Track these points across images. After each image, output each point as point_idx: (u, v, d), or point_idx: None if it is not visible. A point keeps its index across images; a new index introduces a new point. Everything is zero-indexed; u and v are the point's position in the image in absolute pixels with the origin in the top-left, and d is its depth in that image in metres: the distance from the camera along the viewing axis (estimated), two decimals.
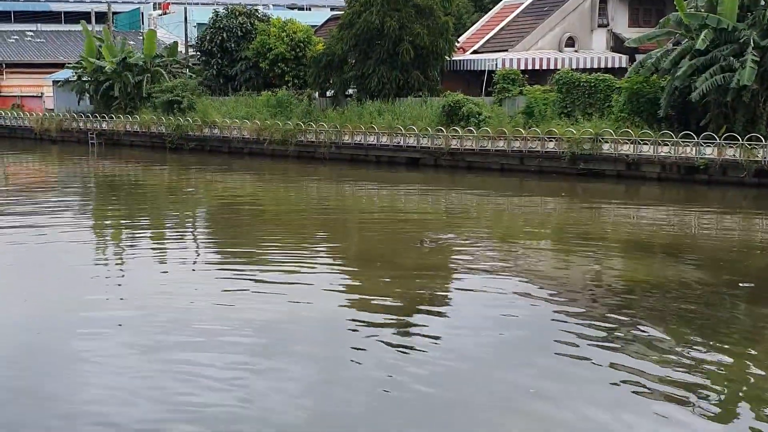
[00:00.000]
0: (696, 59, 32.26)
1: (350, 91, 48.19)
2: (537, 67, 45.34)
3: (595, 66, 45.68)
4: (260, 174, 41.98)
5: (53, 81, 64.16)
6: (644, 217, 28.05)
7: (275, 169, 42.97)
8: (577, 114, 38.17)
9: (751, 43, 31.09)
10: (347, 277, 19.84)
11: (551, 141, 35.69)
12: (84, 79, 57.02)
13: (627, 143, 33.86)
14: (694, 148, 32.35)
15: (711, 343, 13.98)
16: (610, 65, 46.32)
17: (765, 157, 30.84)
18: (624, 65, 46.31)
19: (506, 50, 46.55)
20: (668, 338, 14.20)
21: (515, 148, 36.62)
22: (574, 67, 44.32)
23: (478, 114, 38.72)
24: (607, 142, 34.31)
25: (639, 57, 45.78)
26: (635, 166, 34.09)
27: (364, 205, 32.40)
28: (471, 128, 38.01)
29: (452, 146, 38.32)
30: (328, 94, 49.62)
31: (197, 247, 24.15)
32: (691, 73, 32.24)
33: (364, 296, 17.56)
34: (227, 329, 14.68)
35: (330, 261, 21.77)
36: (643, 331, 14.42)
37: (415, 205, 31.77)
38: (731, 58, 31.61)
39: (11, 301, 16.95)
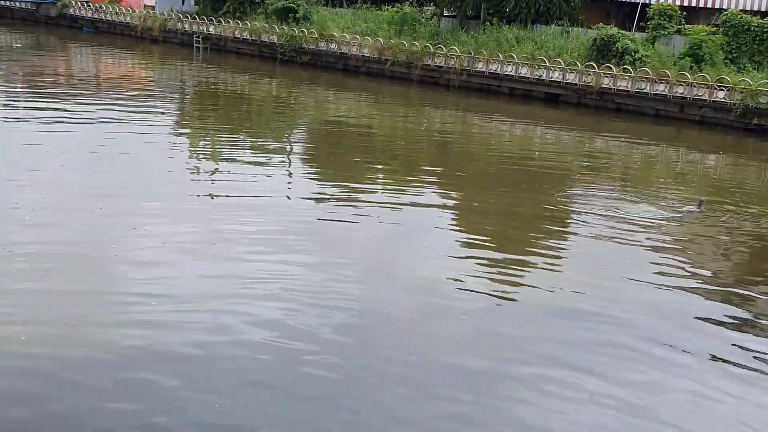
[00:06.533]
0: None
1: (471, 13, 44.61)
2: (693, 3, 41.08)
3: (756, 8, 41.18)
4: (378, 97, 39.03)
5: None
6: None
7: (395, 93, 39.87)
8: (744, 61, 34.27)
9: None
10: (451, 224, 17.93)
11: (721, 90, 31.91)
12: None
13: None
14: None
15: None
16: None
17: None
18: None
19: None
20: None
21: (677, 94, 32.89)
22: (731, 7, 40.01)
23: (634, 52, 34.89)
24: None
25: None
26: None
27: (496, 144, 29.47)
28: (627, 67, 34.28)
29: (603, 85, 34.67)
30: (446, 13, 46.07)
31: (291, 168, 22.18)
32: None
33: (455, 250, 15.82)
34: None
35: (434, 203, 19.37)
36: None
37: (558, 148, 28.79)
38: None
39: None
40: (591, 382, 10.57)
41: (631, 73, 33.99)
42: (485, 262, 14.95)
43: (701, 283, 14.62)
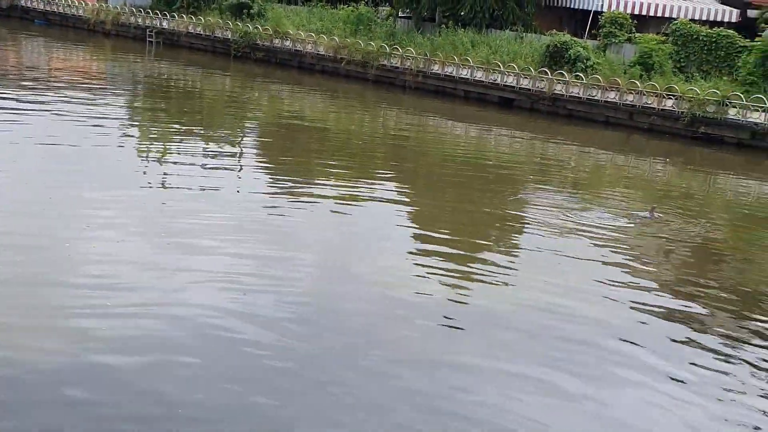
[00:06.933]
0: None
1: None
2: (644, 12, 41.86)
3: (703, 18, 42.17)
4: (333, 95, 39.20)
5: None
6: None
7: (350, 91, 39.98)
8: (693, 70, 35.03)
9: None
10: (406, 223, 18.10)
11: (670, 99, 32.57)
12: None
13: (758, 111, 30.73)
14: None
15: None
16: (719, 18, 42.74)
17: None
18: (734, 20, 42.85)
19: None
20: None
21: (627, 102, 33.50)
22: (680, 16, 40.87)
23: (586, 59, 35.44)
24: (734, 107, 31.19)
25: (751, 12, 42.65)
26: (761, 136, 31.03)
27: (451, 145, 29.76)
28: (579, 74, 34.81)
29: (556, 91, 35.16)
30: (401, 14, 46.44)
31: (244, 163, 22.30)
32: None
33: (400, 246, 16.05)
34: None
35: (388, 202, 19.57)
36: None
37: (511, 151, 29.24)
38: None
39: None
40: (546, 382, 10.81)
41: (582, 80, 34.52)
42: (440, 261, 15.15)
43: (653, 287, 14.98)
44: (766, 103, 30.50)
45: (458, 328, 12.28)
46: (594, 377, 11.10)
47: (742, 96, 31.14)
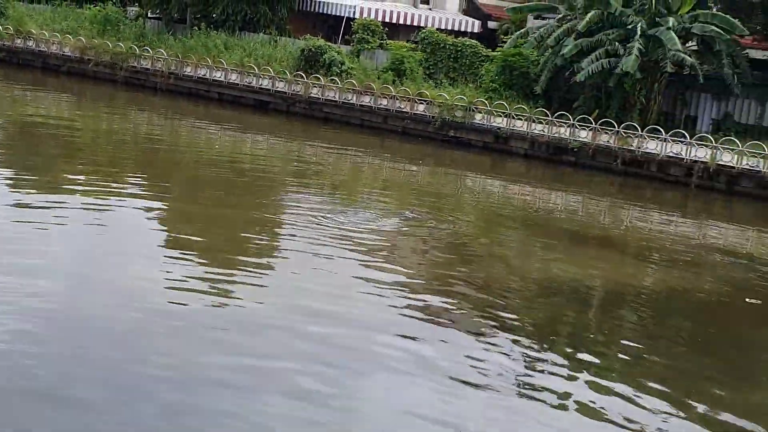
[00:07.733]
0: (581, 39, 31.35)
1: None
2: (394, 20, 43.20)
3: (449, 27, 44.15)
4: (79, 97, 37.66)
5: None
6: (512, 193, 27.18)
7: (99, 93, 38.46)
8: (441, 77, 36.62)
9: (638, 30, 30.51)
10: (160, 229, 17.79)
11: (421, 104, 33.84)
12: None
13: (501, 116, 32.60)
14: (568, 129, 31.60)
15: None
16: (463, 29, 44.99)
17: (639, 147, 30.53)
18: (476, 30, 45.23)
19: None
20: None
21: (381, 106, 34.44)
22: (428, 25, 42.58)
23: (341, 63, 36.08)
24: (480, 112, 32.91)
25: (491, 24, 45.22)
26: (503, 140, 32.95)
27: (206, 149, 29.44)
28: (334, 78, 35.37)
29: (312, 95, 35.53)
30: (150, 14, 45.32)
31: None
32: (575, 52, 31.29)
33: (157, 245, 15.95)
34: None
35: (140, 208, 18.90)
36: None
37: (268, 154, 29.38)
38: (616, 44, 30.96)
39: None
40: (310, 383, 10.81)
41: (338, 84, 35.10)
42: (196, 267, 14.76)
43: (412, 285, 15.43)
44: (507, 109, 32.39)
45: (221, 331, 12.05)
46: (358, 375, 11.24)
47: (486, 102, 32.89)
